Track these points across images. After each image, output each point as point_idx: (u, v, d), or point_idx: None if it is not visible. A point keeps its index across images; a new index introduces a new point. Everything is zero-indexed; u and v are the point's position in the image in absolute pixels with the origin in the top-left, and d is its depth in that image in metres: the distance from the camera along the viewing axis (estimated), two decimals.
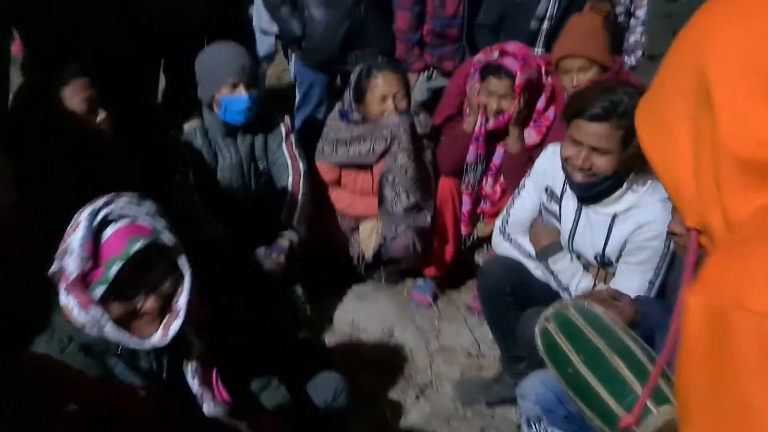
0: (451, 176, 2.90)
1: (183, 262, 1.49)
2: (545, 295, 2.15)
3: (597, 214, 2.09)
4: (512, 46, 2.68)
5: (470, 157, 2.79)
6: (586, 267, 2.19)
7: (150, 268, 1.43)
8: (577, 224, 2.14)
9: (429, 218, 2.86)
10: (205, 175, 2.65)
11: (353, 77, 2.83)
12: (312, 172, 2.90)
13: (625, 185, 2.03)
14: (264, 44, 3.40)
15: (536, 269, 2.26)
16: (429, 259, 2.99)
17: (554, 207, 2.22)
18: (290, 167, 2.75)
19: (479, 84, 2.70)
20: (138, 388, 1.44)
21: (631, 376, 1.60)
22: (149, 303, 1.44)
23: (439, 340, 2.79)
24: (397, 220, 2.79)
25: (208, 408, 1.58)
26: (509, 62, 2.64)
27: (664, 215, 1.99)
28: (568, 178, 2.07)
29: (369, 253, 2.91)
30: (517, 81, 2.60)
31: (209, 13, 2.93)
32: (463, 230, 2.95)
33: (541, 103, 2.78)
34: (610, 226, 2.07)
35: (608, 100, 1.90)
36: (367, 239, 2.93)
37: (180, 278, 1.48)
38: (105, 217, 1.40)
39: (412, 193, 2.79)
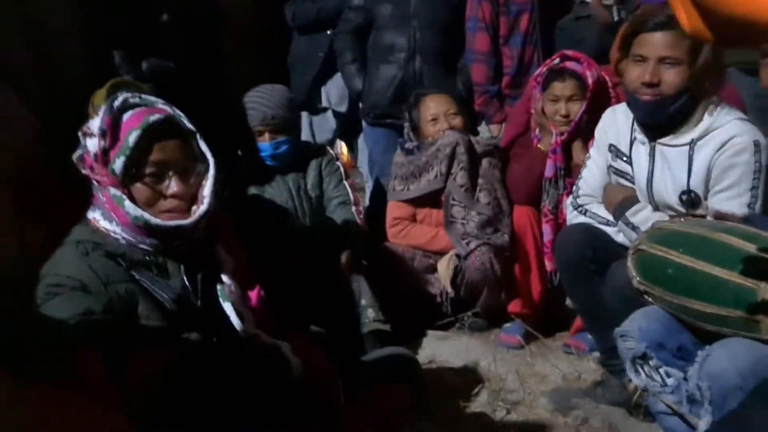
0: (525, 204, 2.79)
1: (206, 150, 1.51)
2: None
3: (672, 148, 1.98)
4: (573, 52, 2.69)
5: (549, 171, 2.71)
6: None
7: (169, 145, 1.45)
8: (653, 168, 2.01)
9: (506, 238, 2.71)
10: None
11: (407, 110, 2.97)
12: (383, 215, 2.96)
13: (699, 108, 1.91)
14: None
15: (617, 234, 2.07)
16: (513, 296, 2.79)
17: (623, 165, 2.10)
18: (352, 200, 2.80)
19: (541, 96, 2.67)
20: None
21: (740, 242, 1.38)
22: (174, 185, 1.44)
23: (533, 368, 2.49)
24: (469, 237, 2.68)
25: (241, 327, 1.51)
26: (572, 65, 2.65)
27: (747, 128, 1.90)
28: (635, 107, 1.98)
29: (447, 283, 2.74)
30: (590, 79, 2.59)
31: None
32: (548, 265, 2.75)
33: None
34: (689, 155, 1.94)
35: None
36: (444, 270, 2.79)
37: (204, 168, 1.50)
38: (124, 101, 1.47)
39: (479, 209, 2.76)
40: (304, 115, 3.62)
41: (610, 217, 2.09)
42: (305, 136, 3.60)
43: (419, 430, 2.02)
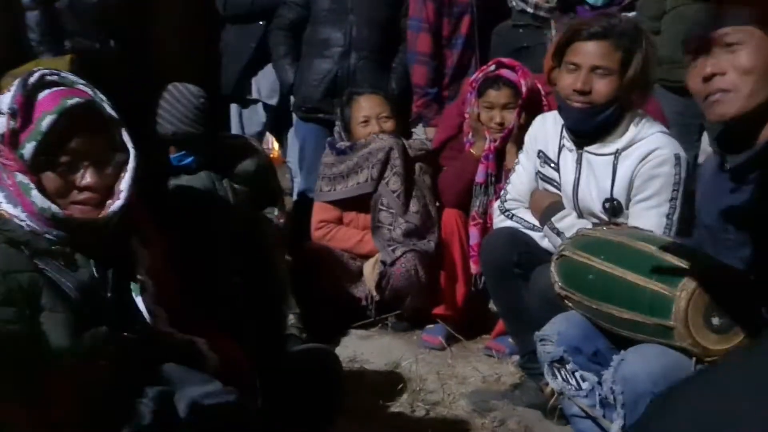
0: (455, 207, 2.81)
1: (127, 141, 1.40)
2: None
3: (598, 157, 2.04)
4: (509, 59, 2.72)
5: (480, 177, 2.73)
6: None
7: (87, 133, 1.33)
8: (579, 175, 2.07)
9: (433, 244, 2.73)
10: None
11: (339, 107, 2.96)
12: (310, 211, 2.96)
13: (625, 119, 1.99)
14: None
15: (543, 239, 2.11)
16: (438, 298, 2.82)
17: (550, 172, 2.15)
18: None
19: (477, 101, 2.70)
20: None
21: (657, 250, 1.43)
22: (88, 177, 1.33)
23: (453, 370, 2.52)
24: (395, 243, 2.69)
25: (154, 323, 1.44)
26: (507, 73, 2.68)
27: (669, 141, 1.98)
28: (566, 114, 2.03)
29: (373, 286, 2.74)
30: (523, 89, 2.62)
31: None
32: (473, 268, 2.78)
33: None
34: (614, 164, 2.00)
35: (606, 21, 1.92)
36: (370, 273, 2.79)
37: (124, 159, 1.39)
38: (40, 78, 1.34)
39: (408, 218, 2.77)
40: (234, 107, 3.56)
41: (536, 222, 2.14)
42: (234, 128, 3.52)
43: (338, 428, 2.01)
